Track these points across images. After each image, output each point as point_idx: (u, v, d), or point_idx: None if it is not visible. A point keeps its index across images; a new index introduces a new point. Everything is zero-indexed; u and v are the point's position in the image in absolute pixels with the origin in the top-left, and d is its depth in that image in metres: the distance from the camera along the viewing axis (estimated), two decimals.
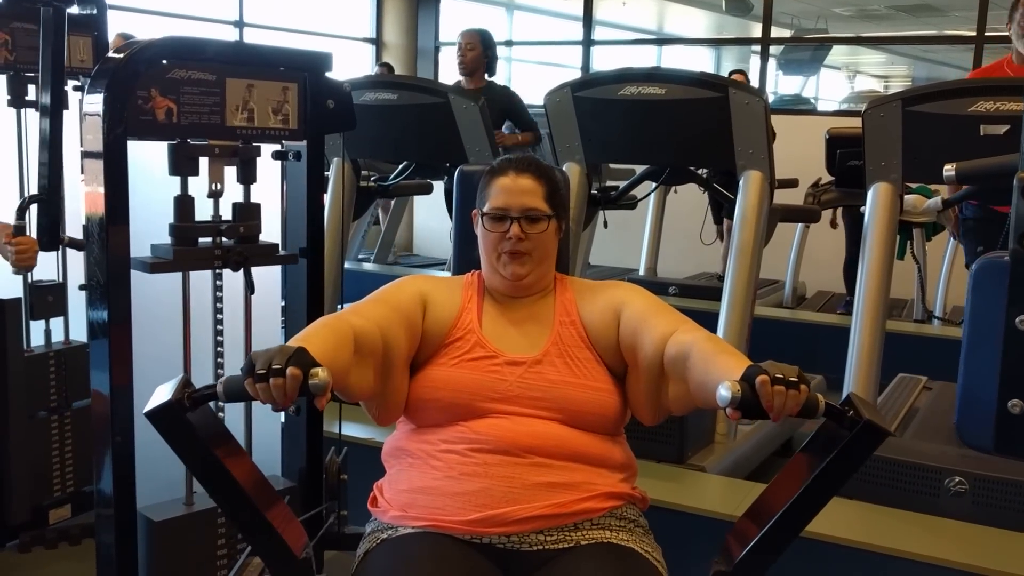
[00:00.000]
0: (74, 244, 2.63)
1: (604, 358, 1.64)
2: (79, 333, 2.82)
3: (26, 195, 2.69)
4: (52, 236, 2.44)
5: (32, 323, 2.73)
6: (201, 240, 1.92)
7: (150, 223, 1.89)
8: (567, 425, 1.57)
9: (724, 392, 1.22)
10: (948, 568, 2.13)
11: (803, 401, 1.22)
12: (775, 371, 1.22)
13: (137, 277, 1.78)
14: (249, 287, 1.99)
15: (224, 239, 1.93)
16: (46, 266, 2.73)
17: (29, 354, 2.70)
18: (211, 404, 1.31)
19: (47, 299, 2.73)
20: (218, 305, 2.00)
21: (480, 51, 4.69)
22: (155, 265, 1.84)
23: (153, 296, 1.92)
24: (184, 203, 1.89)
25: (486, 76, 4.78)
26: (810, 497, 1.28)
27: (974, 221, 3.32)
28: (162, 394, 1.27)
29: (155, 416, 1.24)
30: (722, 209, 5.92)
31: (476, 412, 1.56)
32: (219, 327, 2.01)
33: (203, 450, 1.28)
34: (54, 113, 2.39)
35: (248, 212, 1.97)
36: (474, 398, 1.57)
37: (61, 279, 2.77)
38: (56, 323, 2.80)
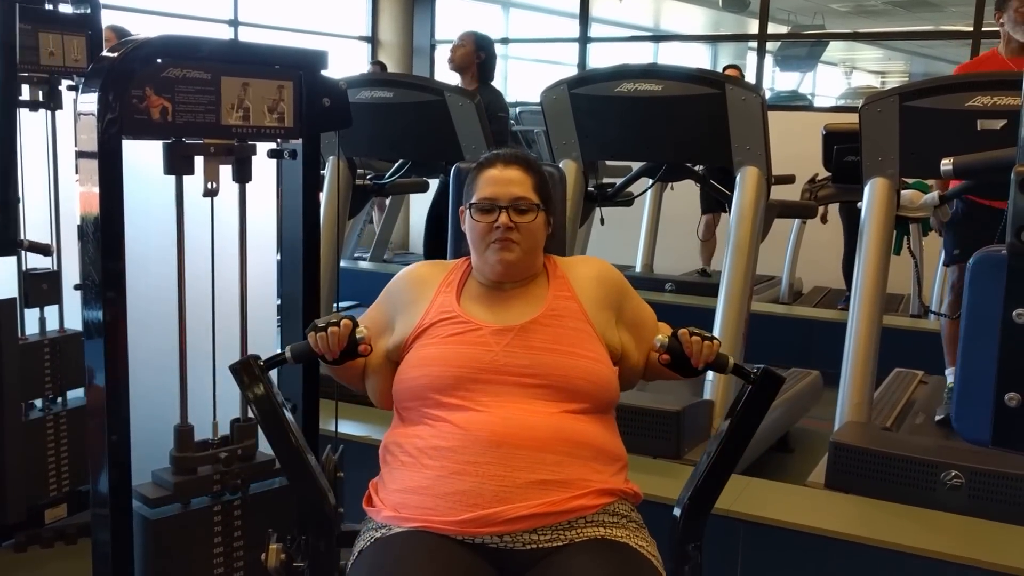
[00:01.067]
0: (36, 248, 2.61)
1: (603, 335, 1.66)
2: (74, 321, 2.80)
3: (23, 194, 2.68)
4: (6, 240, 2.43)
5: (27, 311, 2.71)
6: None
7: (146, 218, 1.88)
8: (557, 400, 1.56)
9: (656, 342, 1.60)
10: (945, 561, 2.14)
11: (716, 350, 1.58)
12: (694, 328, 1.59)
13: (132, 275, 1.78)
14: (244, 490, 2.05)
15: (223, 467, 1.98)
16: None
17: (24, 342, 2.68)
18: None
19: (42, 287, 2.71)
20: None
21: (471, 49, 4.66)
22: (155, 500, 1.90)
23: (148, 288, 1.92)
24: (183, 434, 1.94)
25: (480, 79, 4.74)
26: (735, 439, 1.59)
27: (957, 220, 3.32)
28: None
29: (238, 368, 1.57)
30: (711, 201, 5.90)
31: (464, 385, 1.57)
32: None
33: (272, 402, 1.57)
34: (5, 111, 2.38)
35: (245, 432, 2.02)
36: (461, 370, 1.58)
37: (56, 267, 2.76)
38: (51, 312, 2.78)
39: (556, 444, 1.53)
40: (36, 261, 2.71)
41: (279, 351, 1.62)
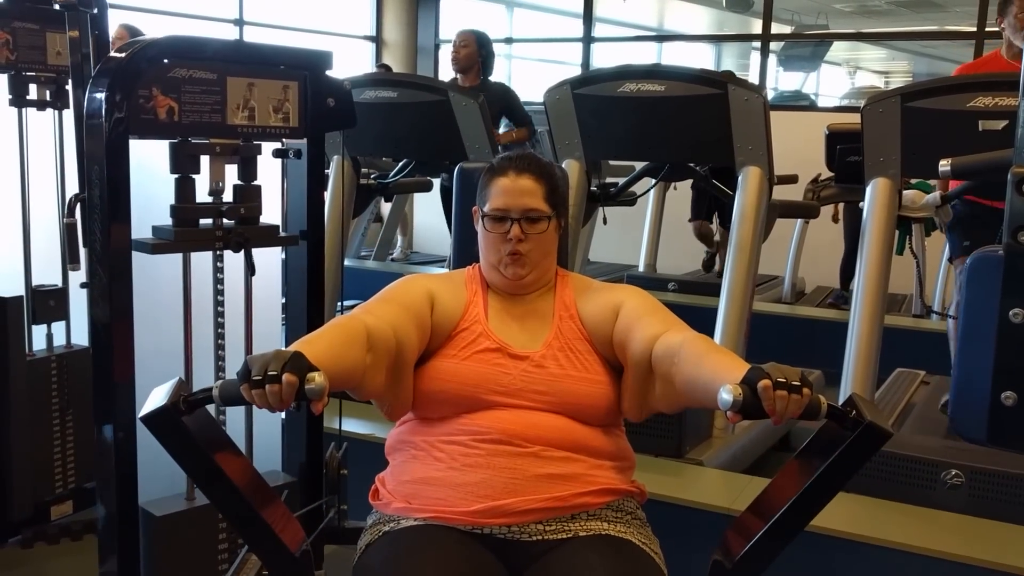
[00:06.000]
0: None
1: (602, 352, 1.65)
2: (80, 337, 2.83)
3: (28, 194, 2.71)
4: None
5: (34, 327, 2.74)
6: (202, 222, 1.92)
7: (152, 213, 1.90)
8: (568, 417, 1.58)
9: (726, 395, 1.21)
10: (945, 560, 2.15)
11: (805, 404, 1.22)
12: (777, 375, 1.21)
13: (137, 269, 1.80)
14: (250, 268, 1.99)
15: (225, 220, 1.93)
16: (48, 270, 2.75)
17: (31, 358, 2.71)
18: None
19: (48, 303, 2.74)
20: (219, 287, 2.00)
21: (474, 49, 4.70)
22: (157, 246, 1.84)
23: (154, 286, 1.93)
24: (185, 184, 1.89)
25: (482, 76, 4.78)
26: (811, 497, 1.28)
27: (962, 216, 3.33)
28: (158, 397, 1.27)
29: (150, 421, 1.25)
30: (702, 205, 5.92)
31: (480, 405, 1.58)
32: (220, 310, 2.01)
33: (199, 453, 1.28)
34: None
35: (249, 194, 1.97)
36: (478, 390, 1.58)
37: (62, 283, 2.78)
38: (57, 328, 2.81)
39: (564, 442, 1.55)
40: (42, 278, 2.74)
41: (207, 386, 1.29)
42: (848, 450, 1.25)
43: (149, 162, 1.87)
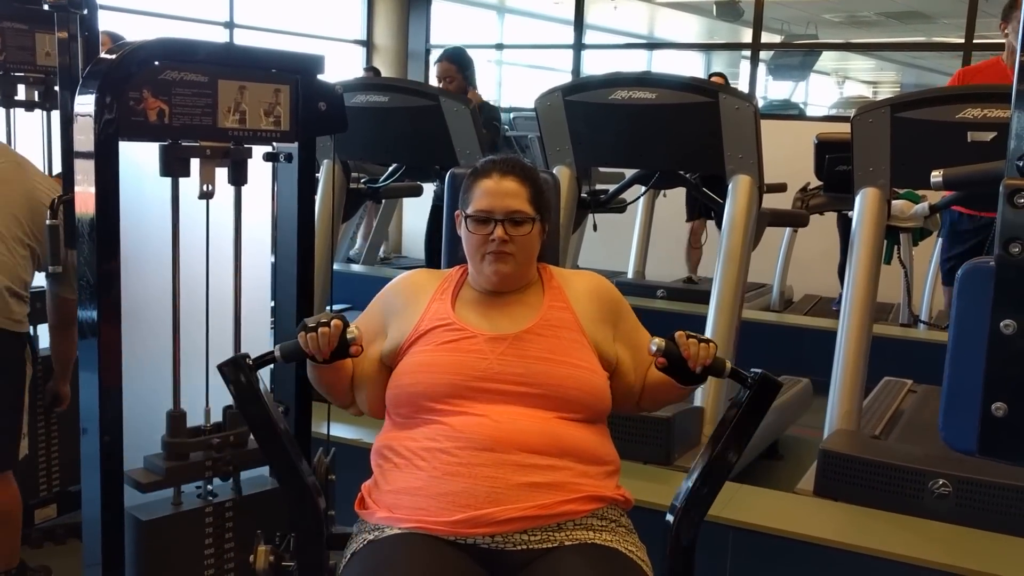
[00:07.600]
0: None
1: (598, 346, 1.67)
2: None
3: None
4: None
5: None
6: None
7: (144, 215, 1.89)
8: (550, 409, 1.58)
9: (652, 346, 1.58)
10: (931, 569, 2.15)
11: (713, 353, 1.57)
12: (690, 332, 1.58)
13: (127, 276, 1.78)
14: (236, 492, 2.04)
15: (215, 453, 1.98)
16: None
17: None
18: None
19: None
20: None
21: (460, 79, 4.70)
22: (147, 484, 1.89)
23: (143, 295, 1.92)
24: (176, 420, 1.94)
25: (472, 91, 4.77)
26: (729, 445, 1.58)
27: (953, 228, 3.35)
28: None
29: (226, 367, 1.55)
30: (696, 207, 5.94)
31: (457, 393, 1.57)
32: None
33: (261, 403, 1.56)
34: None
35: (238, 419, 2.01)
36: (455, 377, 1.58)
37: None
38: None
39: (547, 448, 1.55)
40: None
41: (269, 350, 1.61)
42: (751, 401, 1.58)
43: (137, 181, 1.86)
